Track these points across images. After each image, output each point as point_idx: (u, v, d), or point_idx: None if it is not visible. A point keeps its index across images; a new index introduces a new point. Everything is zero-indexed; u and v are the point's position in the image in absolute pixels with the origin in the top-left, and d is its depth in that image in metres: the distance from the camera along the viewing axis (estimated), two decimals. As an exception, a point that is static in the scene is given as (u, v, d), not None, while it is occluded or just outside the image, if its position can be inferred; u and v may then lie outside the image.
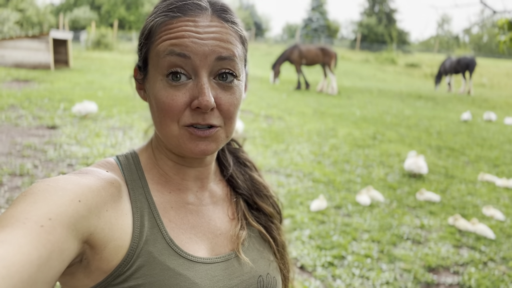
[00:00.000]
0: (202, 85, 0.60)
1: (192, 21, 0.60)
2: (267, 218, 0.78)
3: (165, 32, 0.61)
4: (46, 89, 9.10)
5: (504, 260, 3.31)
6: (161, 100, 0.61)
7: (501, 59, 35.51)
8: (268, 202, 0.80)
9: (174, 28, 0.60)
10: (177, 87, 0.61)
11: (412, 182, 5.07)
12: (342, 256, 3.17)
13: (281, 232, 0.79)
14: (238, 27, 0.64)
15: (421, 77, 22.06)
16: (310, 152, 6.06)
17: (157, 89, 0.62)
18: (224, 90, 0.63)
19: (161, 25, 0.62)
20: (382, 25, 40.58)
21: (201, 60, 0.60)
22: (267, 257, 0.75)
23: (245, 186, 0.78)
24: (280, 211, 0.82)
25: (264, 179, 0.83)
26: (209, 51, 0.60)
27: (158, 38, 0.62)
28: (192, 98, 0.61)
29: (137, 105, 8.13)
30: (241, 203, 0.77)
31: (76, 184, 0.56)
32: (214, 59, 0.60)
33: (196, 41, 0.59)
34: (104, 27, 24.65)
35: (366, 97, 12.93)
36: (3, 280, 0.40)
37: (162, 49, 0.60)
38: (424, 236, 3.65)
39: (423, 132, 8.23)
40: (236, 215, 0.75)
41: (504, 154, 6.96)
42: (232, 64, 0.62)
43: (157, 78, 0.62)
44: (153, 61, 0.63)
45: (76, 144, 5.36)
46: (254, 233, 0.76)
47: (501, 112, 12.25)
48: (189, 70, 0.60)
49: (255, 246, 0.74)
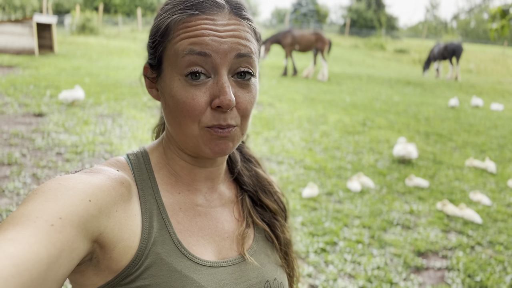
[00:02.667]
0: (223, 84, 0.59)
1: (211, 19, 0.60)
2: (271, 215, 0.78)
3: (183, 30, 0.60)
4: (31, 75, 8.90)
5: (490, 244, 3.40)
6: (181, 100, 0.60)
7: (488, 44, 35.85)
8: (272, 198, 0.80)
9: (193, 26, 0.59)
10: (197, 86, 0.60)
11: (401, 168, 5.15)
12: (334, 242, 3.22)
13: (285, 229, 0.79)
14: (253, 24, 0.64)
15: (409, 63, 22.17)
16: (301, 139, 6.08)
17: (175, 88, 0.61)
18: (242, 88, 0.62)
19: (179, 23, 0.60)
20: (371, 10, 40.44)
21: (221, 58, 0.59)
22: (275, 261, 0.74)
23: (250, 182, 0.78)
24: (285, 207, 0.82)
25: (268, 175, 0.83)
26: (229, 49, 0.59)
27: (176, 36, 0.60)
28: (212, 97, 0.60)
29: (126, 92, 8.03)
30: (246, 200, 0.76)
31: (87, 184, 0.56)
32: (234, 56, 0.60)
33: (216, 39, 0.59)
34: (89, 11, 24.04)
35: (356, 83, 12.97)
36: (13, 278, 0.40)
37: (181, 48, 0.59)
38: (413, 221, 3.73)
39: (412, 118, 8.32)
40: (242, 213, 0.75)
41: (490, 140, 7.09)
42: (250, 61, 0.62)
43: (175, 77, 0.61)
44: (170, 60, 0.61)
45: (65, 132, 5.28)
46: (260, 234, 0.75)
47: (488, 98, 12.43)
48: (209, 69, 0.60)
49: (262, 250, 0.73)
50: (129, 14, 36.49)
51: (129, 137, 5.33)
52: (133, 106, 7.01)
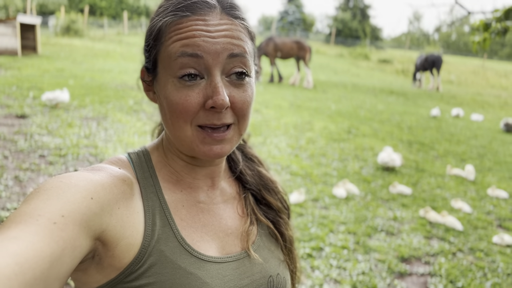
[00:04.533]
0: (216, 84, 0.59)
1: (202, 19, 0.60)
2: (275, 213, 0.78)
3: (175, 33, 0.60)
4: (14, 76, 8.71)
5: (471, 250, 3.49)
6: (174, 101, 0.60)
7: (469, 57, 36.87)
8: (276, 197, 0.80)
9: (184, 28, 0.59)
10: (190, 87, 0.60)
11: (385, 175, 5.23)
12: (320, 247, 3.25)
13: (289, 227, 0.80)
14: (247, 23, 0.64)
15: (392, 73, 22.60)
16: (288, 145, 6.12)
17: (169, 90, 0.61)
18: (236, 88, 0.62)
19: (170, 25, 0.61)
20: (357, 21, 41.15)
21: (214, 58, 0.59)
22: (278, 256, 0.75)
23: (253, 181, 0.79)
24: (288, 206, 0.83)
25: (271, 174, 0.83)
26: (221, 49, 0.59)
27: (168, 39, 0.61)
28: (205, 98, 0.60)
29: (111, 95, 7.94)
30: (250, 199, 0.77)
31: (89, 181, 0.56)
32: (226, 56, 0.60)
33: (208, 40, 0.59)
34: (74, 13, 23.71)
35: (341, 92, 13.14)
36: (16, 276, 0.40)
37: (174, 50, 0.60)
38: (397, 227, 3.79)
39: (395, 127, 8.47)
40: (246, 210, 0.75)
41: (470, 149, 7.28)
42: (243, 61, 0.62)
43: (169, 79, 0.61)
44: (163, 63, 0.62)
45: (48, 134, 5.19)
46: (264, 230, 0.76)
47: (468, 109, 12.77)
48: (202, 70, 0.60)
49: (266, 245, 0.74)
50: (115, 17, 36.16)
51: (115, 140, 5.27)
52: (118, 109, 6.93)
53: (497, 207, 4.54)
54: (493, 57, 44.87)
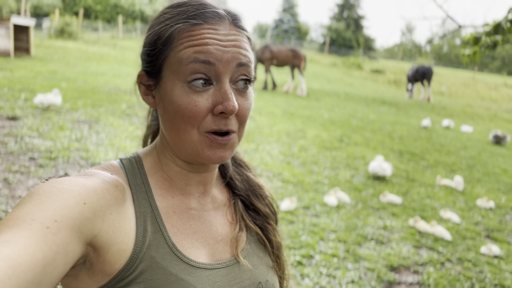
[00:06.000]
0: (226, 91, 0.62)
1: (214, 29, 0.62)
2: (263, 219, 0.80)
3: (187, 39, 0.62)
4: (6, 77, 8.64)
5: (460, 260, 3.52)
6: (183, 105, 0.62)
7: (459, 69, 37.42)
8: (264, 202, 0.82)
9: (197, 35, 0.61)
10: (199, 93, 0.62)
11: (376, 185, 5.27)
12: (310, 255, 3.26)
13: (277, 233, 0.81)
14: (249, 34, 0.67)
15: (385, 83, 22.84)
16: (280, 153, 6.14)
17: (177, 95, 0.62)
18: (240, 96, 0.65)
19: (182, 32, 0.62)
20: (350, 31, 41.63)
21: (224, 66, 0.62)
22: (267, 263, 0.76)
23: (242, 186, 0.80)
24: (275, 211, 0.84)
25: (259, 179, 0.84)
26: (231, 58, 0.62)
27: (179, 44, 0.62)
28: (214, 104, 0.62)
29: (104, 99, 7.90)
30: (239, 204, 0.78)
31: (82, 186, 0.56)
32: (235, 65, 0.63)
33: (219, 48, 0.61)
34: (68, 15, 23.62)
35: (334, 100, 13.24)
36: (9, 280, 0.41)
37: (186, 56, 0.61)
38: (386, 236, 3.81)
39: (386, 137, 8.54)
40: (235, 216, 0.76)
41: (460, 160, 7.37)
42: (248, 70, 0.65)
43: (177, 84, 0.62)
44: (172, 67, 0.63)
45: (39, 137, 5.14)
46: (253, 236, 0.77)
47: (458, 120, 12.93)
48: (212, 76, 0.62)
49: (255, 252, 0.75)
50: (110, 21, 36.11)
51: (106, 144, 5.24)
52: (111, 113, 6.90)
53: (485, 218, 4.59)
54: (484, 69, 45.60)
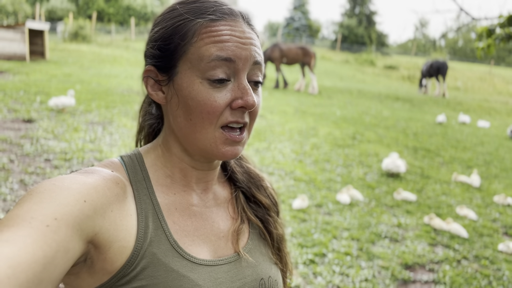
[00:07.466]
0: (245, 86, 0.63)
1: (232, 25, 0.63)
2: (264, 211, 0.79)
3: (207, 35, 0.62)
4: (22, 81, 8.83)
5: (476, 258, 3.45)
6: (202, 101, 0.62)
7: (475, 63, 36.67)
8: (265, 193, 0.81)
9: (218, 32, 0.62)
10: (218, 89, 0.63)
11: (389, 182, 5.20)
12: (323, 253, 3.23)
13: (278, 225, 0.80)
14: (259, 34, 0.69)
15: (398, 79, 22.54)
16: (292, 151, 6.11)
17: (195, 90, 0.63)
18: (254, 92, 0.67)
19: (202, 27, 0.63)
20: (362, 27, 41.18)
21: (243, 63, 0.63)
22: (270, 258, 0.76)
23: (243, 179, 0.79)
24: (276, 202, 0.83)
25: (259, 170, 0.84)
26: (249, 56, 0.63)
27: (200, 40, 0.62)
28: (233, 99, 0.63)
29: (117, 100, 8.00)
30: (240, 197, 0.78)
31: (82, 184, 0.56)
32: (252, 63, 0.64)
33: (240, 46, 0.63)
34: (82, 19, 23.99)
35: (346, 98, 13.13)
36: (9, 279, 0.41)
37: (207, 53, 0.62)
38: (401, 234, 3.76)
39: (400, 133, 8.43)
40: (237, 210, 0.76)
41: (476, 156, 7.22)
42: (261, 69, 0.67)
43: (195, 80, 0.63)
44: (191, 63, 0.63)
45: (54, 139, 5.23)
46: (255, 230, 0.77)
47: (475, 115, 12.68)
48: (230, 73, 0.63)
49: (257, 248, 0.75)
50: (122, 23, 36.55)
51: (119, 145, 5.30)
52: (124, 114, 6.98)
53: (503, 215, 4.49)
54: (500, 63, 44.59)
